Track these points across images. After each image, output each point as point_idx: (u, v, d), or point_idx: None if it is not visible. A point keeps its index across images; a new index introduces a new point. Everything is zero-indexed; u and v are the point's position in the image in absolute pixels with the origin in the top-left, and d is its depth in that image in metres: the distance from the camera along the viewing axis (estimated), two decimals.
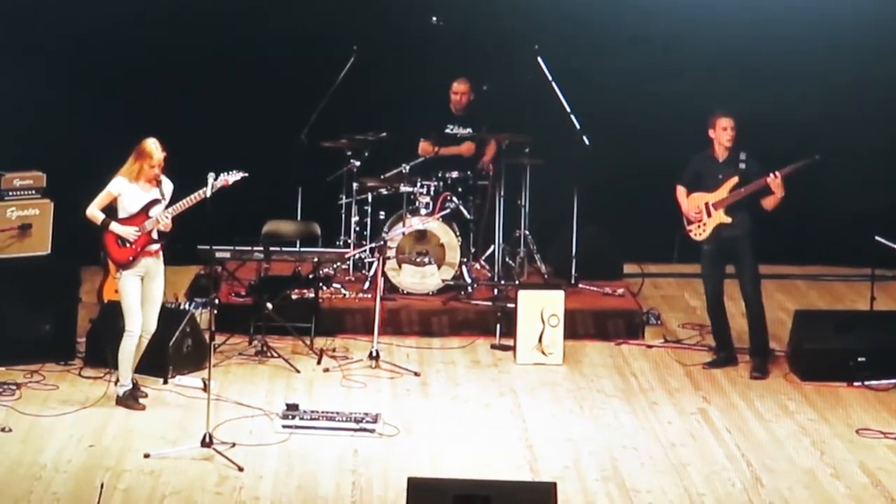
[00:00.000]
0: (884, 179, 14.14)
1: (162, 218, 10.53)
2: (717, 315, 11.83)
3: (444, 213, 12.93)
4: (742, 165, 11.49)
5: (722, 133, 11.53)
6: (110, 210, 10.61)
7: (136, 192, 10.57)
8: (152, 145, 10.50)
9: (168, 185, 10.65)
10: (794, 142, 13.56)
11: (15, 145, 12.92)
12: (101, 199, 10.58)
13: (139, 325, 10.60)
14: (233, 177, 10.52)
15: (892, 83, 14.16)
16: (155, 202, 10.59)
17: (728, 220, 11.51)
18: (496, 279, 13.10)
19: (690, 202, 11.66)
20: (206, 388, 10.34)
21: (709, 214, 11.58)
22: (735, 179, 11.50)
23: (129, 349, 10.61)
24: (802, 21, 14.11)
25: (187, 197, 10.54)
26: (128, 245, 10.55)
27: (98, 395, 10.75)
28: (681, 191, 11.73)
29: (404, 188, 12.93)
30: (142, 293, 10.62)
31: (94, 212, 10.59)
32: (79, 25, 13.75)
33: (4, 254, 11.51)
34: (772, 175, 11.34)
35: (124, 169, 10.57)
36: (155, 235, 10.62)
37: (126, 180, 10.54)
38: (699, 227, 11.63)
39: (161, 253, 10.68)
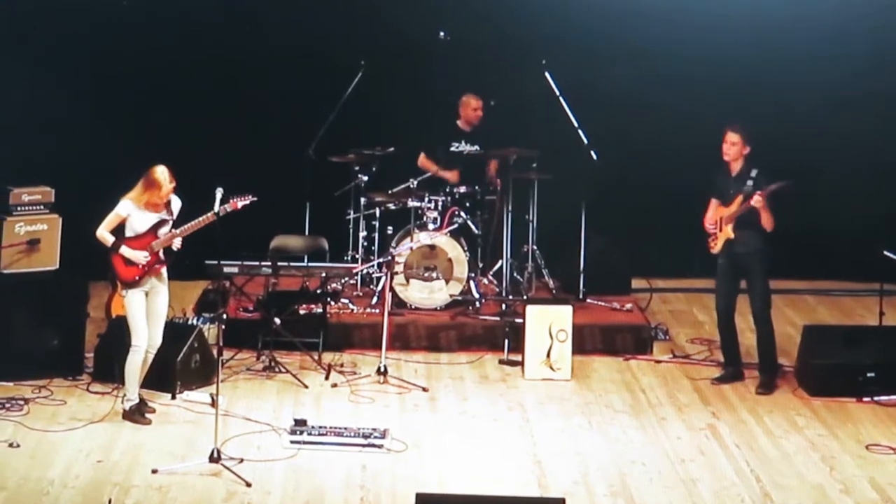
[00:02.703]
0: (891, 193, 14.11)
1: (174, 242, 10.54)
2: (726, 330, 11.80)
3: (451, 227, 12.93)
4: (749, 182, 11.42)
5: (728, 147, 11.48)
6: (118, 229, 10.62)
7: (144, 213, 10.57)
8: (161, 176, 10.46)
9: (177, 204, 10.66)
10: (799, 154, 13.57)
11: (23, 160, 12.94)
12: (109, 221, 10.59)
13: (145, 340, 10.61)
14: (241, 201, 10.54)
15: None
16: (163, 223, 10.60)
17: (732, 235, 11.47)
18: (504, 294, 13.09)
19: (713, 215, 11.62)
20: (214, 404, 10.33)
21: (720, 229, 11.55)
22: (742, 196, 11.46)
23: (136, 364, 10.62)
24: (806, 32, 14.11)
25: (197, 219, 10.53)
26: (136, 265, 10.57)
27: (106, 411, 10.75)
28: (712, 203, 11.66)
29: (412, 203, 12.94)
30: (147, 308, 10.64)
31: (104, 234, 10.60)
32: (87, 41, 13.78)
33: (13, 269, 11.52)
34: (756, 195, 11.29)
35: (133, 194, 10.54)
36: (162, 255, 10.63)
37: (133, 205, 10.54)
38: (713, 239, 11.61)
39: (165, 269, 10.69)
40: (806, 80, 14.11)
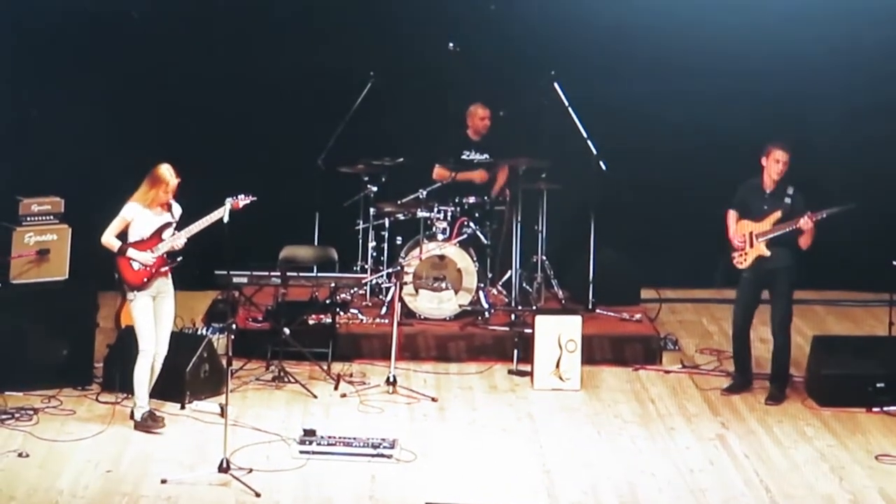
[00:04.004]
0: None
1: (177, 241, 10.59)
2: (740, 341, 11.78)
3: (461, 238, 12.94)
4: (787, 200, 11.37)
5: (773, 165, 11.39)
6: (123, 234, 10.66)
7: (148, 217, 10.65)
8: (166, 172, 10.57)
9: (177, 209, 10.75)
10: (809, 163, 13.54)
11: (33, 171, 12.96)
12: (115, 226, 10.65)
13: (153, 344, 10.66)
14: (242, 200, 10.57)
15: None
16: (167, 225, 10.67)
17: (767, 253, 11.44)
18: (513, 304, 13.09)
19: (738, 229, 11.57)
20: (223, 414, 10.34)
21: (751, 245, 11.50)
22: (779, 213, 11.41)
23: (144, 368, 10.66)
24: (820, 45, 14.09)
25: (201, 219, 10.59)
26: (142, 268, 10.60)
27: (115, 421, 10.76)
28: (731, 215, 11.61)
29: (421, 213, 12.94)
30: (154, 313, 10.67)
31: (110, 239, 10.65)
32: (98, 52, 13.80)
33: (23, 279, 11.54)
34: (805, 217, 11.26)
35: (138, 194, 10.64)
36: (167, 257, 10.68)
37: (139, 206, 10.61)
38: (741, 255, 11.54)
39: (171, 272, 10.73)
40: (817, 90, 14.10)
